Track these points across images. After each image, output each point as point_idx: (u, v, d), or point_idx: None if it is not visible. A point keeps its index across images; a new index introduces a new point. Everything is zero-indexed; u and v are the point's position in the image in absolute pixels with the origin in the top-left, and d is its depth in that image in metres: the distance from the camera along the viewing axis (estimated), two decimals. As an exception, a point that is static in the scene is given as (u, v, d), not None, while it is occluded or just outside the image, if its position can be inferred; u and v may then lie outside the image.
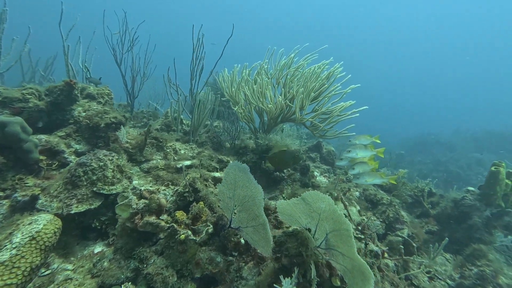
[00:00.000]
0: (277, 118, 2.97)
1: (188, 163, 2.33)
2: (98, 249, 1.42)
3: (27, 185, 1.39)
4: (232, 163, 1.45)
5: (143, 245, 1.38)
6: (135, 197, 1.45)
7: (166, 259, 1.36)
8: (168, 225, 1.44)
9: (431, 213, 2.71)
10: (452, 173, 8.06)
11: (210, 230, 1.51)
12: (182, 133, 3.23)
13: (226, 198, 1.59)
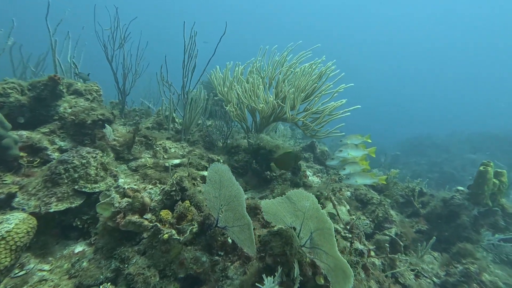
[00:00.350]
0: (269, 117, 2.96)
1: (177, 161, 2.30)
2: (79, 248, 1.39)
3: (4, 182, 1.34)
4: (214, 163, 1.44)
5: (125, 244, 1.35)
6: (118, 195, 1.42)
7: (148, 259, 1.33)
8: (151, 225, 1.41)
9: (421, 212, 2.73)
10: (446, 174, 8.17)
11: (195, 230, 1.49)
12: (174, 131, 3.19)
13: (212, 198, 1.57)
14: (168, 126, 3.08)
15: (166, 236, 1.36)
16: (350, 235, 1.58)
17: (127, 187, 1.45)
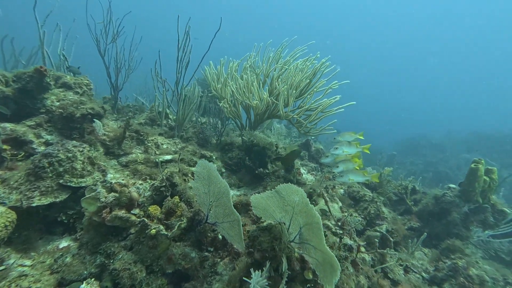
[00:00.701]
0: (263, 114, 2.94)
1: (169, 157, 2.26)
2: (63, 244, 1.35)
3: (-14, 176, 1.30)
4: (201, 160, 1.42)
5: (111, 240, 1.32)
6: (105, 190, 1.38)
7: (135, 254, 1.31)
8: (139, 220, 1.38)
9: (413, 210, 2.74)
10: (441, 174, 8.27)
11: (183, 225, 1.46)
12: (168, 128, 3.15)
13: (202, 194, 1.56)
14: (161, 122, 3.04)
15: (154, 231, 1.34)
16: (341, 231, 1.57)
17: (114, 181, 1.42)
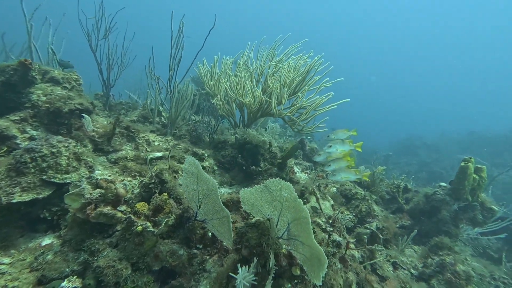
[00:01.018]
0: (256, 112, 2.92)
1: (160, 154, 2.23)
2: (47, 241, 1.31)
3: (-36, 171, 1.25)
4: (189, 157, 1.41)
5: (96, 237, 1.29)
6: (90, 186, 1.35)
7: (120, 251, 1.28)
8: (125, 216, 1.35)
9: (405, 208, 2.77)
10: (435, 174, 8.39)
11: (171, 222, 1.44)
12: (161, 125, 3.11)
13: (191, 191, 1.54)
14: (153, 119, 3.00)
15: (140, 228, 1.31)
16: (331, 229, 1.57)
17: (100, 178, 1.39)
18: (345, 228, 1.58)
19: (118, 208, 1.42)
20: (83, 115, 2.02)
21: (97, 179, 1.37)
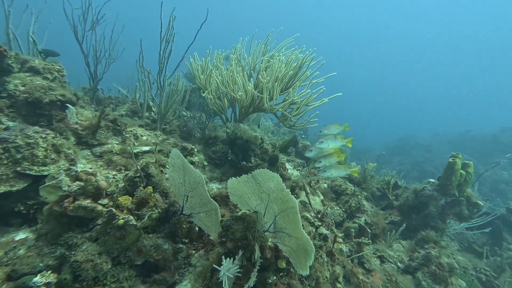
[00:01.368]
0: (248, 107, 2.89)
1: (147, 148, 2.17)
2: (21, 236, 1.25)
3: None
4: (174, 150, 1.37)
5: (74, 231, 1.23)
6: (69, 178, 1.29)
7: (100, 246, 1.23)
8: (106, 210, 1.30)
9: (394, 204, 2.80)
10: (427, 173, 8.57)
11: (155, 215, 1.40)
12: (151, 120, 3.04)
13: (178, 184, 1.50)
14: (142, 113, 2.93)
15: (122, 221, 1.26)
16: (320, 223, 1.56)
17: (80, 170, 1.33)
18: (334, 222, 1.57)
19: (99, 202, 1.36)
20: (68, 105, 1.93)
21: (76, 171, 1.31)
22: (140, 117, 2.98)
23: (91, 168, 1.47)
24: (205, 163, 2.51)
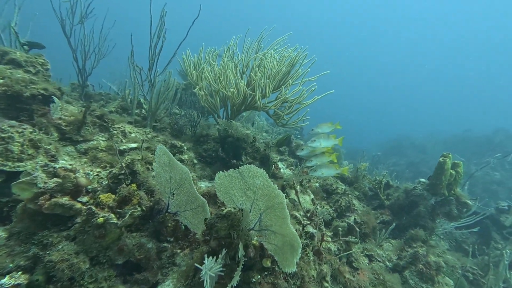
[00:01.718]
0: (240, 105, 2.86)
1: (135, 145, 2.11)
2: (-7, 235, 1.18)
3: None
4: (160, 146, 1.32)
5: (50, 230, 1.18)
6: (45, 175, 1.23)
7: (78, 245, 1.17)
8: (85, 208, 1.24)
9: (385, 203, 2.80)
10: (422, 173, 8.66)
11: (137, 213, 1.35)
12: (141, 117, 2.97)
13: (163, 181, 1.46)
14: (132, 110, 2.86)
15: (102, 219, 1.21)
16: (308, 222, 1.53)
17: (58, 166, 1.27)
18: (322, 221, 1.55)
19: (78, 199, 1.30)
20: (54, 98, 1.86)
21: (54, 167, 1.25)
22: (130, 114, 2.92)
23: (71, 165, 1.41)
24: (195, 161, 2.46)
